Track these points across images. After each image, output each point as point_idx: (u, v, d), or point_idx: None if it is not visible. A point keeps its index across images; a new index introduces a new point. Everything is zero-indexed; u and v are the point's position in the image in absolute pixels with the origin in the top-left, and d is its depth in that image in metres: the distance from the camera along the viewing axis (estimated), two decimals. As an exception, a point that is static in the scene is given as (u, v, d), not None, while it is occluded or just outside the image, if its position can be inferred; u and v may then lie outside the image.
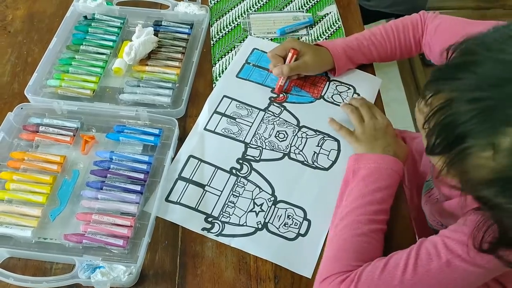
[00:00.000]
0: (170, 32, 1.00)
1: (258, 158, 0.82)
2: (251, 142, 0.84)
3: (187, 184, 0.79)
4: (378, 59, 0.94)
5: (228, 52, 0.99)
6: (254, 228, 0.75)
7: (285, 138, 0.85)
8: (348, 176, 0.78)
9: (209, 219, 0.75)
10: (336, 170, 0.81)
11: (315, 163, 0.82)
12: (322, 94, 0.91)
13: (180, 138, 0.85)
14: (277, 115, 0.88)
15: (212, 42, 1.01)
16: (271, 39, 1.01)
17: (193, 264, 0.72)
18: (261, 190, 0.79)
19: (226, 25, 1.04)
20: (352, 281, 0.63)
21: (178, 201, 0.77)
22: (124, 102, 0.88)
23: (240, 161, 0.82)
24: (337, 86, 0.93)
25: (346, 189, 0.76)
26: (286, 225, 0.75)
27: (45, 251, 0.71)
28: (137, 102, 0.88)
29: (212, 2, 1.09)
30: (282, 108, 0.89)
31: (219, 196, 0.78)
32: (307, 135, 0.86)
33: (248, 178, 0.80)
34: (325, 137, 0.85)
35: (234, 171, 0.81)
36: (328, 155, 0.83)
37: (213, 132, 0.85)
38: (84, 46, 0.96)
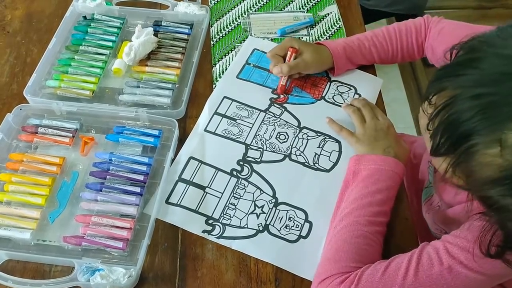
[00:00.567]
0: (170, 33, 0.99)
1: (259, 160, 0.82)
2: (252, 144, 0.84)
3: (188, 186, 0.78)
4: (379, 61, 0.93)
5: (228, 52, 0.98)
6: (255, 230, 0.74)
7: (286, 140, 0.84)
8: (348, 177, 0.77)
9: (210, 221, 0.75)
10: (337, 172, 0.80)
11: (316, 165, 0.82)
12: (323, 95, 0.91)
13: (180, 139, 0.84)
14: (277, 116, 0.87)
15: (212, 43, 1.00)
16: (271, 39, 1.01)
17: (193, 267, 0.71)
18: (262, 192, 0.78)
19: (226, 25, 1.04)
20: (351, 283, 0.63)
21: (178, 203, 0.77)
22: (123, 103, 0.88)
23: (241, 163, 0.81)
24: (338, 87, 0.92)
25: (346, 190, 0.76)
26: (288, 227, 0.75)
27: (44, 254, 0.71)
28: (137, 103, 0.88)
29: (212, 2, 1.08)
30: (283, 109, 0.88)
31: (220, 198, 0.77)
32: (308, 136, 0.85)
33: (249, 179, 0.79)
34: (326, 138, 0.85)
35: (234, 172, 0.80)
36: (329, 157, 0.83)
37: (214, 133, 0.85)
38: (83, 46, 0.96)
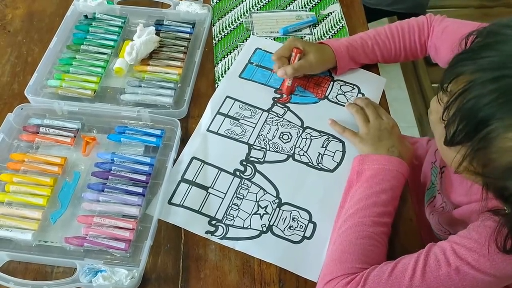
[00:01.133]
0: (171, 32, 0.99)
1: (262, 160, 0.81)
2: (255, 144, 0.83)
3: (190, 186, 0.78)
4: (382, 60, 0.93)
5: (231, 51, 0.98)
6: (259, 231, 0.74)
7: (289, 140, 0.84)
8: (352, 177, 0.77)
9: (213, 222, 0.74)
10: (341, 172, 0.80)
11: (320, 165, 0.81)
12: (326, 94, 0.90)
13: (182, 139, 0.84)
14: (280, 116, 0.87)
15: (214, 42, 1.00)
16: (274, 38, 1.00)
17: (196, 268, 0.71)
18: (265, 192, 0.77)
19: (229, 24, 1.03)
20: (358, 284, 0.62)
21: (181, 203, 0.76)
22: (125, 102, 0.87)
23: (244, 163, 0.81)
24: (341, 86, 0.92)
25: (350, 191, 0.75)
26: (291, 228, 0.74)
27: (45, 255, 0.70)
28: (139, 102, 0.87)
29: (214, 1, 1.08)
30: (286, 109, 0.88)
31: (223, 199, 0.77)
32: (312, 136, 0.84)
33: (252, 180, 0.79)
34: (329, 138, 0.84)
35: (237, 173, 0.79)
36: (333, 157, 0.82)
37: (216, 133, 0.84)
38: (84, 45, 0.95)
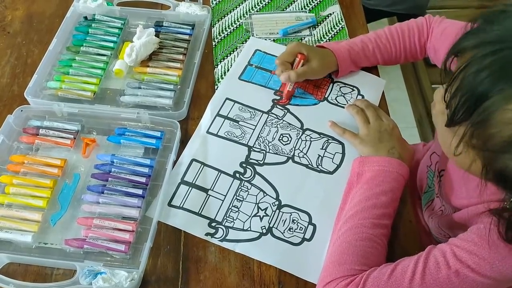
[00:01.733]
0: (171, 33, 0.99)
1: (261, 162, 0.81)
2: (255, 146, 0.83)
3: (190, 188, 0.78)
4: (382, 63, 0.93)
5: (230, 53, 0.98)
6: (259, 233, 0.74)
7: (288, 142, 0.84)
8: (352, 179, 0.77)
9: (213, 224, 0.74)
10: (341, 174, 0.80)
11: (319, 167, 0.81)
12: (326, 96, 0.90)
13: (182, 141, 0.84)
14: (280, 118, 0.87)
15: (214, 43, 1.00)
16: (273, 40, 1.00)
17: (195, 270, 0.71)
18: (265, 194, 0.78)
19: (228, 26, 1.03)
20: (357, 286, 0.62)
21: (181, 205, 0.76)
22: (125, 104, 0.87)
23: (244, 165, 0.81)
24: (341, 88, 0.92)
25: (350, 192, 0.75)
26: (291, 230, 0.74)
27: (45, 257, 0.70)
28: (138, 104, 0.87)
29: (214, 2, 1.08)
30: (286, 111, 0.88)
31: (223, 201, 0.77)
32: (311, 138, 0.84)
33: (252, 182, 0.79)
34: (329, 140, 0.84)
35: (237, 175, 0.79)
36: (332, 159, 0.82)
37: (216, 135, 0.84)
38: (84, 47, 0.95)
